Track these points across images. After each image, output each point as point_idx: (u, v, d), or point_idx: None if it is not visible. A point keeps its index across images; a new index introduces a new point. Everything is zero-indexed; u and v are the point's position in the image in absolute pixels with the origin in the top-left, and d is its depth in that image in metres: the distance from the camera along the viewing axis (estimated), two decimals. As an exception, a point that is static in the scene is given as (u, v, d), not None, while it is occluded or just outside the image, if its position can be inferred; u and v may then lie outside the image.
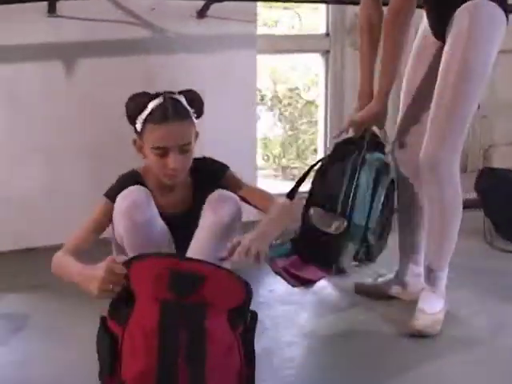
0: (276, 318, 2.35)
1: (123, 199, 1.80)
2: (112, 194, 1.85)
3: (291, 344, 2.12)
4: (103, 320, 1.61)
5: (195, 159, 1.99)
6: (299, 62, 4.45)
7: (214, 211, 1.85)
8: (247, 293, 1.58)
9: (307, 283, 2.64)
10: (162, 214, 1.88)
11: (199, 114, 1.93)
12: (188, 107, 1.87)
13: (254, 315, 1.64)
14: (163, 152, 1.82)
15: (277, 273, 2.76)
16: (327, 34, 3.49)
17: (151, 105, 1.81)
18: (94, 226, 1.85)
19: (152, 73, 2.78)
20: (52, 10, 2.57)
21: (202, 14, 2.83)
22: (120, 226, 1.80)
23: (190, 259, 1.65)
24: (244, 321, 1.61)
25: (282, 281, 2.67)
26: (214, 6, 2.82)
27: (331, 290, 2.56)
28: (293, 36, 3.68)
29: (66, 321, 2.25)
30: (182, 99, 1.86)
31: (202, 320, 1.50)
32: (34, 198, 2.75)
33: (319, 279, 2.66)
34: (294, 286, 2.64)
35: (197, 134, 1.93)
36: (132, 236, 1.80)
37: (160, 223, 1.87)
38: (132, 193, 1.82)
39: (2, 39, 2.60)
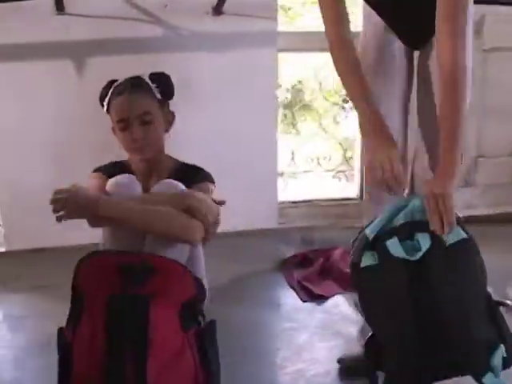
0: (275, 336, 2.20)
1: (113, 186, 1.85)
2: (101, 170, 1.99)
3: (282, 367, 1.96)
4: (60, 331, 1.63)
5: (183, 163, 2.09)
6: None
7: None
8: (198, 289, 1.63)
9: (318, 299, 2.48)
10: None
11: (166, 93, 2.04)
12: (149, 82, 2.01)
13: (213, 322, 1.65)
14: (125, 125, 1.92)
15: (290, 286, 2.62)
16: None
17: (114, 85, 1.99)
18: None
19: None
20: (60, 7, 2.51)
21: (217, 10, 2.68)
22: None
23: (141, 253, 1.68)
24: (197, 323, 1.63)
25: (295, 295, 2.53)
26: (231, 2, 2.67)
27: (342, 312, 2.35)
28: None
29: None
30: (144, 77, 2.03)
31: (147, 311, 1.52)
32: (44, 198, 2.70)
33: (332, 295, 2.50)
34: (304, 300, 2.48)
35: (173, 116, 2.07)
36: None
37: None
38: (123, 178, 1.88)
39: (11, 38, 2.56)
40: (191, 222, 1.79)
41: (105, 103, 2.01)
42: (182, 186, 1.89)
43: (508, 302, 1.63)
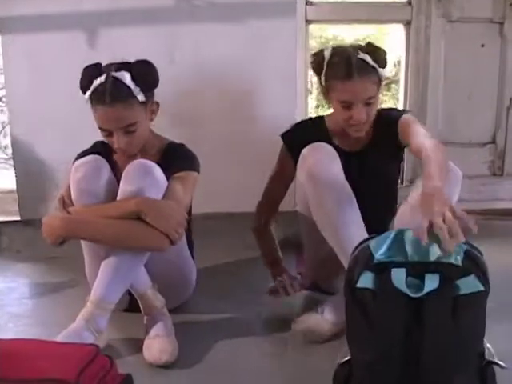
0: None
1: (75, 171, 1.83)
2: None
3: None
4: None
5: (172, 143, 2.06)
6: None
7: (126, 182, 1.80)
8: None
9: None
10: None
11: (149, 87, 1.90)
12: (132, 85, 1.83)
13: None
14: (108, 133, 1.87)
15: (298, 271, 2.48)
16: (409, 3, 3.03)
17: (94, 83, 1.83)
18: None
19: (177, 44, 2.60)
20: (70, -22, 2.48)
21: (231, -21, 2.56)
22: (72, 192, 1.84)
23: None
24: None
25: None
26: (246, -30, 2.54)
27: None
28: (368, 3, 3.22)
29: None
30: (127, 76, 1.83)
31: None
32: (57, 168, 2.74)
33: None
34: (305, 288, 2.35)
35: (157, 106, 1.96)
36: (78, 201, 1.83)
37: (105, 195, 1.83)
38: (84, 165, 1.83)
39: (23, 10, 2.57)
40: (148, 231, 1.75)
41: (86, 97, 1.87)
42: (154, 168, 1.83)
43: (501, 363, 1.43)
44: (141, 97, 1.85)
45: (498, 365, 1.42)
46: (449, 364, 1.35)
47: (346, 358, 1.50)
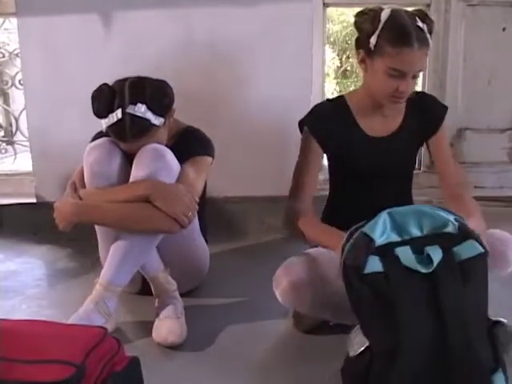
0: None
1: (88, 154, 1.85)
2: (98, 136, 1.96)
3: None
4: None
5: (188, 127, 2.05)
6: None
7: (138, 166, 1.80)
8: None
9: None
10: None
11: (167, 108, 1.87)
12: (150, 115, 1.79)
13: None
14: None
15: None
16: (427, -16, 2.97)
17: (111, 118, 1.79)
18: None
19: (192, 27, 2.58)
20: (86, -39, 2.47)
21: (245, -40, 2.53)
22: (85, 175, 1.88)
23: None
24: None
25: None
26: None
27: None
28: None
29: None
30: (143, 109, 1.78)
31: None
32: (74, 151, 2.68)
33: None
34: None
35: (173, 111, 1.92)
36: (90, 184, 1.86)
37: (117, 179, 1.84)
38: (96, 148, 1.85)
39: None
40: (157, 215, 1.76)
41: (103, 125, 1.83)
42: (166, 152, 1.84)
43: (503, 320, 1.45)
44: (160, 121, 1.83)
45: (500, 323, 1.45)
46: (467, 329, 1.35)
47: (364, 347, 1.45)
